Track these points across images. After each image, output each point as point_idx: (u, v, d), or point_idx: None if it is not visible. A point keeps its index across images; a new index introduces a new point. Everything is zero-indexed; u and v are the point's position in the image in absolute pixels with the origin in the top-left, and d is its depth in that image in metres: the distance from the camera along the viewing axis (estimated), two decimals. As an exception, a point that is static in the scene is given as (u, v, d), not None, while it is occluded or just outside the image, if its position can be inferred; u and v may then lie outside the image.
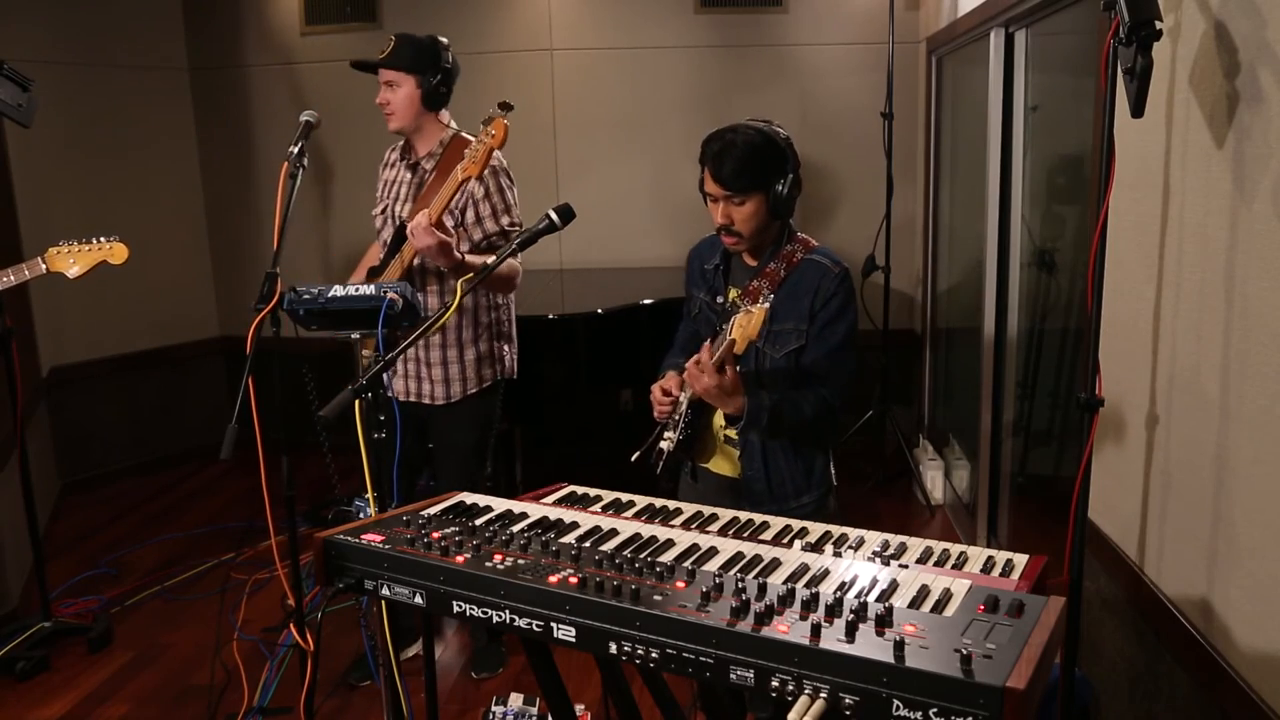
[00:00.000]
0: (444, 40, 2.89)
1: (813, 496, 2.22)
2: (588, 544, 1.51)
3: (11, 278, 2.89)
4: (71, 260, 2.92)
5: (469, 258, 2.74)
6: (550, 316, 3.65)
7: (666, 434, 2.16)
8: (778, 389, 2.11)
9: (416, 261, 2.83)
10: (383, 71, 2.83)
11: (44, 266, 2.92)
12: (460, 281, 1.98)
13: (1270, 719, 1.57)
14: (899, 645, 1.08)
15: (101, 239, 2.95)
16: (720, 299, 2.22)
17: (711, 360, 1.98)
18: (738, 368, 2.06)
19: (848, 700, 1.08)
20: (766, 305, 1.97)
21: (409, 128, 2.90)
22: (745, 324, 1.93)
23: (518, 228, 2.92)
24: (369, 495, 2.09)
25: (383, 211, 2.98)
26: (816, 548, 1.55)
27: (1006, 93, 3.49)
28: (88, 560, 4.03)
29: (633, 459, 2.19)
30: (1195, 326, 1.82)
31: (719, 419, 2.23)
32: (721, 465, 2.28)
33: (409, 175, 2.93)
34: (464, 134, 2.91)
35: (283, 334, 2.48)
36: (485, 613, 1.37)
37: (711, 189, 2.08)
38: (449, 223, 2.77)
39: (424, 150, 2.92)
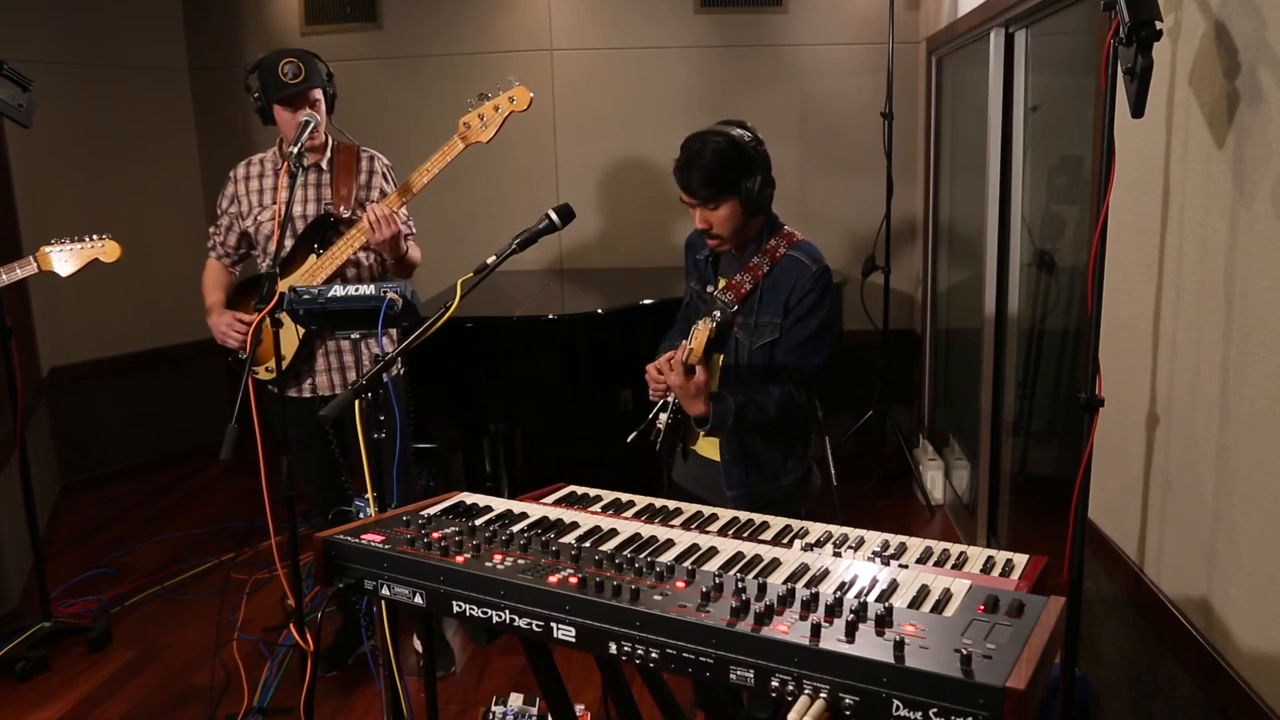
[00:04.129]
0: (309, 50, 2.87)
1: (789, 478, 2.31)
2: (588, 544, 1.51)
3: (4, 277, 2.89)
4: (64, 258, 2.92)
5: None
6: (550, 316, 3.65)
7: (662, 415, 2.26)
8: (748, 383, 2.21)
9: (362, 255, 2.83)
10: (306, 94, 2.75)
11: (35, 265, 2.90)
12: (460, 281, 1.99)
13: (1270, 719, 1.57)
14: (899, 645, 1.08)
15: (94, 237, 2.95)
16: (710, 288, 2.32)
17: (680, 360, 2.10)
18: (719, 358, 2.21)
19: (848, 700, 1.08)
20: (714, 323, 2.13)
21: (320, 138, 2.86)
22: (699, 334, 2.10)
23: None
24: (369, 495, 2.10)
25: (272, 218, 2.89)
26: (816, 548, 1.55)
27: (1006, 93, 3.49)
28: (88, 560, 4.03)
29: (629, 439, 2.27)
30: (1195, 326, 1.82)
31: None
32: (706, 448, 2.36)
33: (303, 178, 2.88)
34: (343, 136, 2.96)
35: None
36: (485, 613, 1.37)
37: (686, 199, 2.19)
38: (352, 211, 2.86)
39: (317, 155, 2.89)
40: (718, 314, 2.17)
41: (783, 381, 2.18)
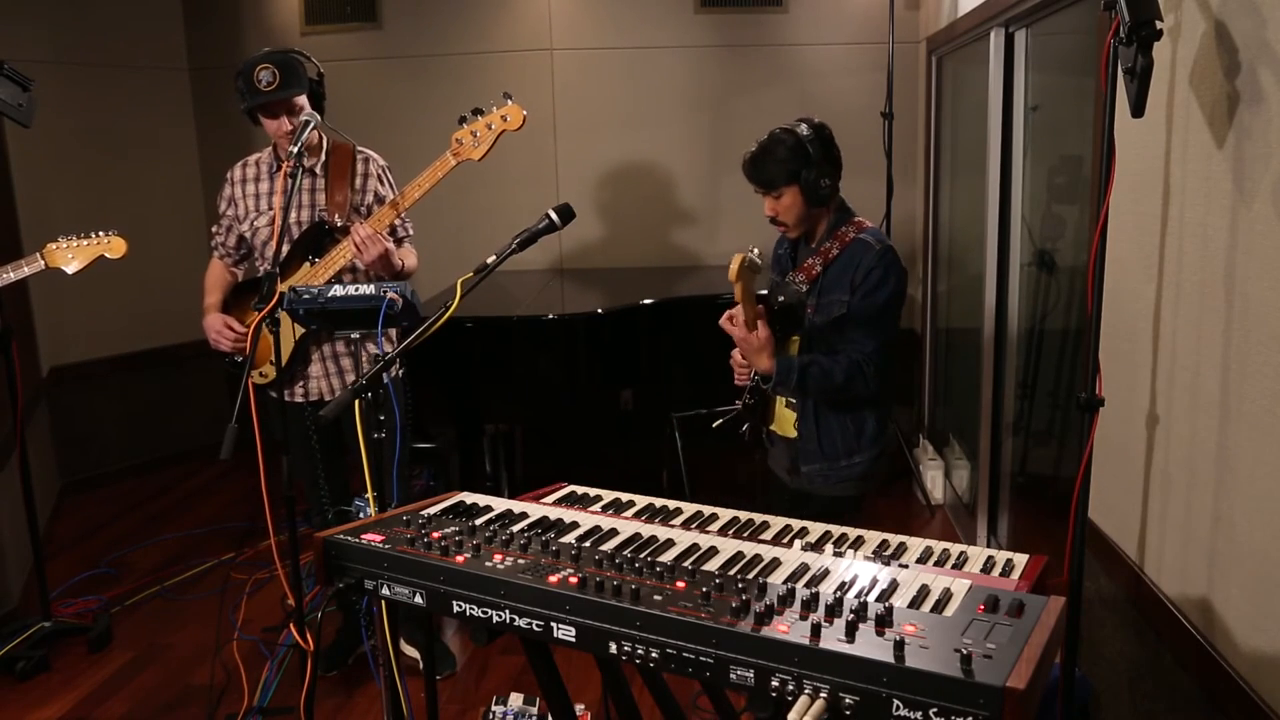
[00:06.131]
0: (298, 50, 2.82)
1: (864, 456, 2.39)
2: (588, 544, 1.51)
3: (10, 274, 2.89)
4: (70, 255, 2.92)
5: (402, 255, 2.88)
6: (550, 316, 3.65)
7: (742, 398, 2.40)
8: (818, 350, 2.33)
9: (358, 262, 2.81)
10: (286, 102, 2.71)
11: (42, 262, 2.91)
12: (460, 281, 1.99)
13: (1270, 718, 1.57)
14: (899, 645, 1.08)
15: (99, 233, 2.95)
16: (789, 276, 2.46)
17: (739, 317, 2.25)
18: (795, 341, 2.35)
19: (848, 700, 1.08)
20: (752, 254, 2.19)
21: (315, 139, 2.84)
22: (734, 265, 2.15)
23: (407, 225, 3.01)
24: (369, 495, 2.10)
25: (269, 223, 2.88)
26: (816, 547, 1.55)
27: (1006, 93, 3.49)
28: (88, 560, 4.03)
29: (714, 425, 2.42)
30: (1195, 326, 1.82)
31: None
32: (784, 426, 2.47)
33: (301, 182, 2.83)
34: (338, 135, 2.89)
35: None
36: (485, 612, 1.37)
37: (755, 189, 2.36)
38: (355, 219, 2.81)
39: (312, 158, 2.85)
40: (754, 248, 2.23)
41: (849, 352, 2.29)
